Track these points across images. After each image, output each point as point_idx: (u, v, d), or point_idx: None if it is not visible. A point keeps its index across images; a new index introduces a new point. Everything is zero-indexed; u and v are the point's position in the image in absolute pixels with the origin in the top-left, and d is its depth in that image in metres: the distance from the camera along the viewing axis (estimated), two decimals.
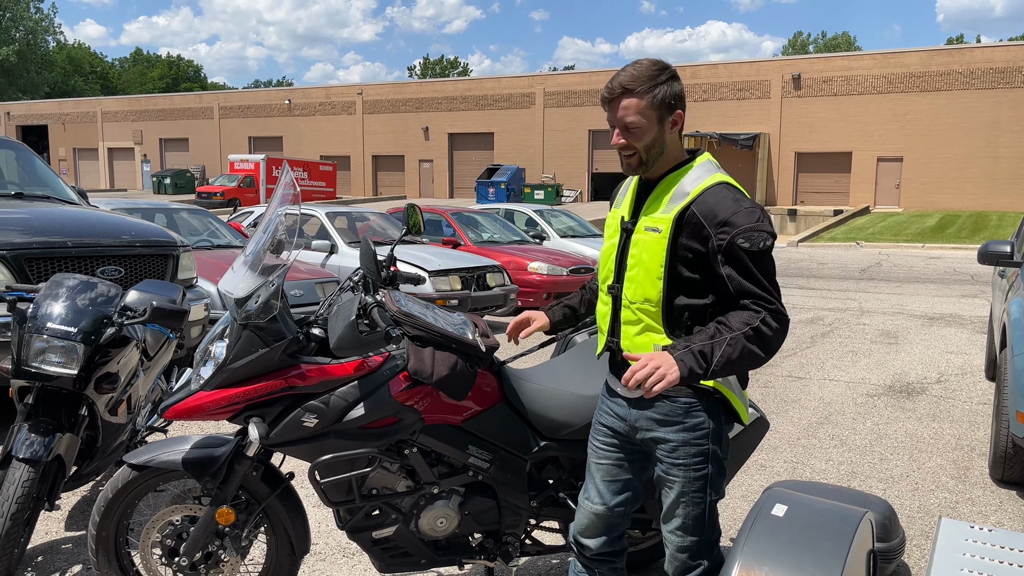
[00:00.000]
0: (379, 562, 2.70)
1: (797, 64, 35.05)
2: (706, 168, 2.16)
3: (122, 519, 2.70)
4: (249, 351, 2.40)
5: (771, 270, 2.05)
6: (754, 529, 2.01)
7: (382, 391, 2.48)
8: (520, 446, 2.69)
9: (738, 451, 2.88)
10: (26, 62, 65.45)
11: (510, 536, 2.77)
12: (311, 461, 2.52)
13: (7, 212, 5.33)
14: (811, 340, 9.05)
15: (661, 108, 2.08)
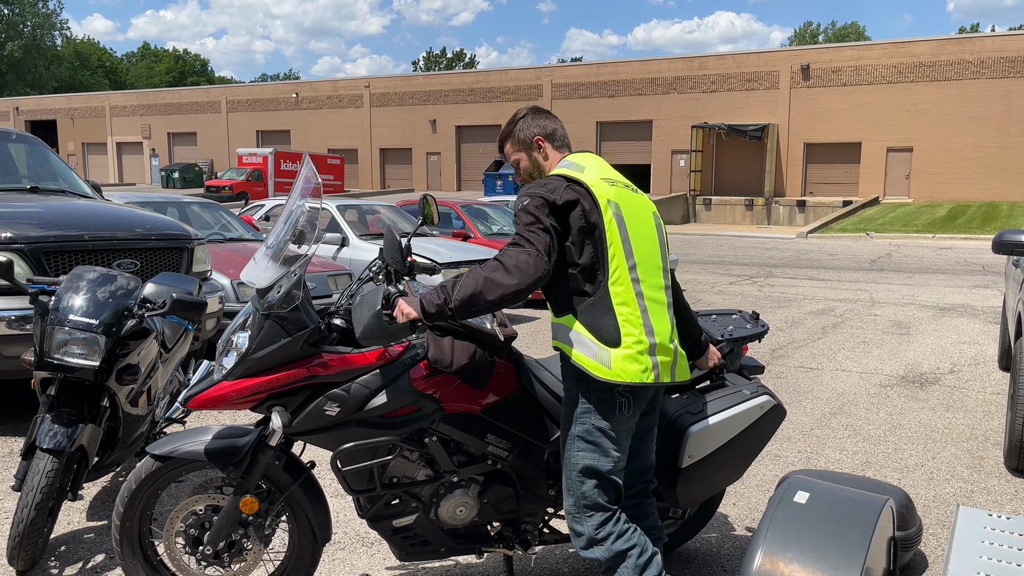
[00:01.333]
0: (399, 550, 2.73)
1: (806, 54, 34.85)
2: (560, 166, 2.52)
3: (145, 509, 2.72)
4: (272, 340, 2.43)
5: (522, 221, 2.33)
6: (776, 516, 2.02)
7: (403, 380, 2.51)
8: (538, 435, 2.72)
9: (754, 439, 2.90)
10: (34, 57, 65.57)
11: (529, 524, 2.79)
12: (333, 449, 2.54)
13: (24, 206, 5.37)
14: (822, 331, 9.03)
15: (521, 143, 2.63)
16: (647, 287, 2.43)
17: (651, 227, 2.54)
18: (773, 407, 2.92)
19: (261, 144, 45.37)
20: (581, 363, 2.36)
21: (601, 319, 2.36)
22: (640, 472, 2.64)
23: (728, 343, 3.08)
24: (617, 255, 2.38)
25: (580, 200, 2.37)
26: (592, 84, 38.51)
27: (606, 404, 2.40)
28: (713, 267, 16.45)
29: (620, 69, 38.16)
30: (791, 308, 10.79)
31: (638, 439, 2.60)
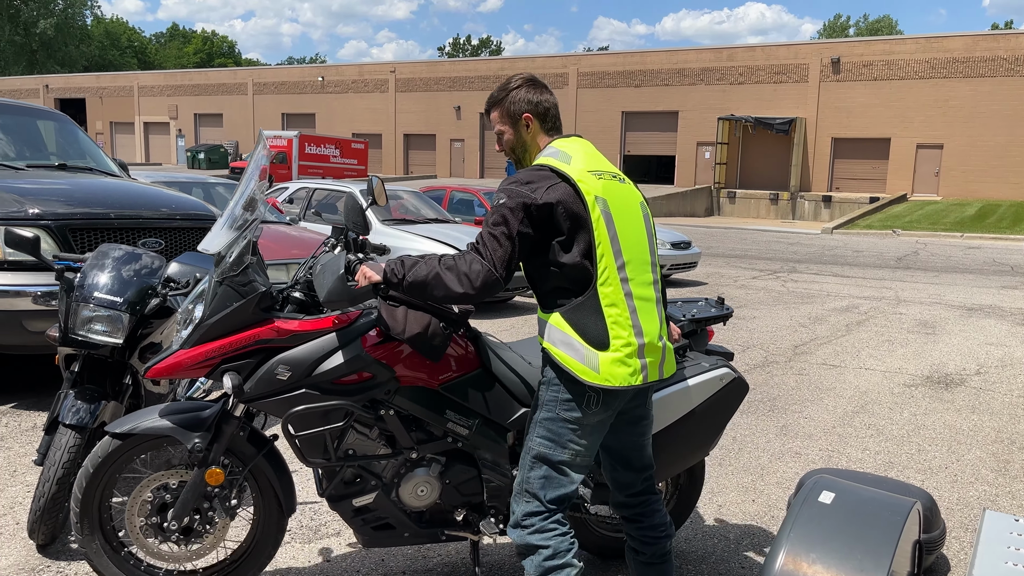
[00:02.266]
0: (361, 535, 2.71)
1: (837, 47, 34.35)
2: (545, 152, 2.43)
3: (106, 491, 2.67)
4: (224, 305, 2.46)
5: (492, 221, 2.27)
6: (800, 515, 1.99)
7: (354, 345, 2.51)
8: (499, 413, 2.70)
9: (716, 411, 2.90)
10: (64, 35, 66.20)
11: (493, 509, 2.77)
12: (284, 414, 2.51)
13: (51, 183, 5.41)
14: (846, 328, 8.92)
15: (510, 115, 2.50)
16: (636, 285, 2.35)
17: (639, 220, 2.45)
18: (733, 380, 2.91)
19: (286, 127, 45.53)
20: (568, 366, 2.29)
21: (589, 321, 2.29)
22: (638, 470, 2.58)
23: (690, 323, 3.08)
24: (606, 255, 2.29)
25: (563, 200, 2.27)
26: (618, 73, 38.23)
27: (575, 396, 2.34)
28: (736, 261, 16.31)
29: (647, 59, 37.85)
30: (814, 304, 10.68)
31: (626, 436, 2.54)
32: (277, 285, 2.70)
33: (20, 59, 65.48)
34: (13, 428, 4.52)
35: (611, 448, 2.56)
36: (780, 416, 5.44)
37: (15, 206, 4.76)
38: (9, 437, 4.37)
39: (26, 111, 6.41)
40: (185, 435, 2.57)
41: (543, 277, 2.36)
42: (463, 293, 2.26)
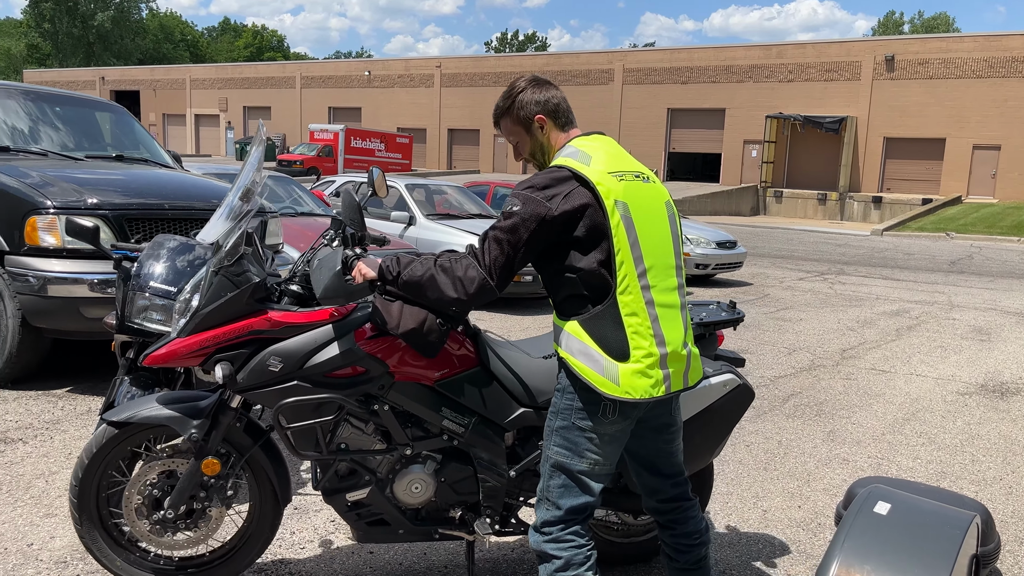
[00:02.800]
0: (356, 531, 2.70)
1: (891, 45, 33.57)
2: (563, 152, 2.33)
3: (103, 479, 2.68)
4: (219, 296, 2.46)
5: (499, 226, 2.21)
6: (855, 525, 1.94)
7: (347, 339, 2.49)
8: (497, 412, 2.65)
9: (719, 418, 2.82)
10: (121, 29, 67.84)
11: (489, 509, 2.73)
12: (275, 405, 2.51)
13: (109, 174, 5.54)
14: (896, 333, 8.72)
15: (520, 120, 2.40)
16: (658, 292, 2.25)
17: (663, 222, 2.33)
18: (738, 386, 2.82)
19: (333, 120, 46.03)
20: (587, 377, 2.21)
21: (608, 330, 2.20)
22: (667, 476, 2.52)
23: (698, 327, 3.00)
24: (625, 262, 2.19)
25: (581, 207, 2.18)
26: (665, 70, 37.86)
27: (590, 405, 2.26)
28: (782, 261, 16.06)
29: (694, 55, 37.41)
30: (863, 307, 10.46)
31: (652, 443, 2.46)
32: (273, 277, 2.71)
33: (78, 51, 67.27)
34: (69, 412, 4.65)
35: (637, 454, 2.50)
36: (827, 421, 5.34)
37: (75, 196, 4.88)
38: (65, 420, 4.50)
39: (85, 103, 6.57)
40: (182, 424, 2.57)
41: (559, 284, 2.28)
42: (455, 298, 2.22)
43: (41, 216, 4.75)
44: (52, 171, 5.20)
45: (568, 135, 2.41)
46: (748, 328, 8.57)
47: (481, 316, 8.57)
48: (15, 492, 3.55)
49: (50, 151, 5.79)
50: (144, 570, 2.75)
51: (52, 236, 4.76)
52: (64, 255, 4.80)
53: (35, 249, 4.77)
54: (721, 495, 4.01)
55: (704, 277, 12.30)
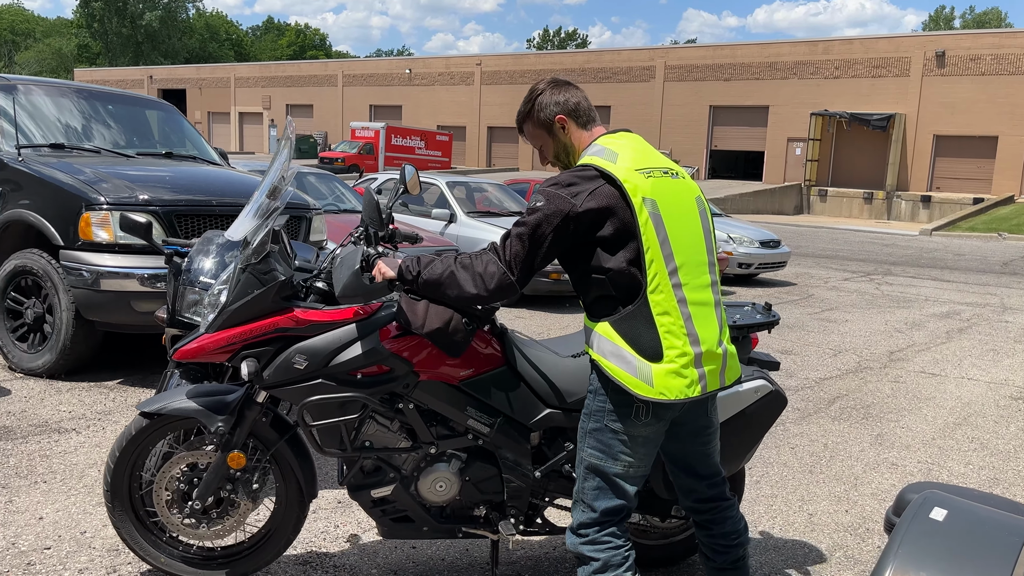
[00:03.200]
0: (381, 526, 2.70)
1: (942, 40, 32.77)
2: (590, 150, 2.30)
3: (135, 467, 2.76)
4: (246, 293, 2.47)
5: (524, 223, 2.19)
6: (910, 532, 1.89)
7: (372, 338, 2.48)
8: (522, 412, 2.62)
9: (750, 425, 2.75)
10: (168, 28, 69.25)
11: (513, 508, 2.71)
12: (300, 403, 2.52)
13: (159, 170, 5.65)
14: (946, 335, 8.52)
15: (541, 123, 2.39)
16: (690, 290, 2.20)
17: (694, 218, 2.29)
18: (770, 392, 2.75)
19: (374, 118, 46.42)
20: (620, 379, 2.17)
21: (640, 331, 2.16)
22: (704, 477, 2.48)
23: (732, 330, 2.90)
24: (655, 260, 2.14)
25: (607, 205, 2.14)
26: (707, 67, 37.45)
27: (622, 407, 2.22)
28: (826, 261, 15.79)
29: (737, 52, 36.95)
30: (912, 309, 10.24)
31: (689, 444, 2.42)
32: (302, 273, 2.72)
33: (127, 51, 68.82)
34: (120, 403, 4.76)
35: (673, 454, 2.47)
36: (875, 424, 5.24)
37: (127, 192, 4.99)
38: (116, 411, 4.60)
39: (136, 101, 6.71)
40: (209, 418, 2.61)
41: (588, 285, 2.24)
42: (476, 295, 2.20)
43: (95, 212, 4.86)
44: (105, 168, 5.33)
45: (592, 134, 2.37)
46: (792, 329, 8.44)
47: (520, 314, 8.58)
48: (69, 481, 3.65)
49: (103, 148, 5.93)
50: (173, 558, 2.81)
51: (105, 231, 4.87)
52: (116, 250, 4.91)
53: (88, 244, 4.90)
54: (765, 497, 3.95)
55: (747, 277, 12.15)
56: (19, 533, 3.13)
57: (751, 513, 3.75)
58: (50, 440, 4.11)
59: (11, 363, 5.20)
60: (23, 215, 5.11)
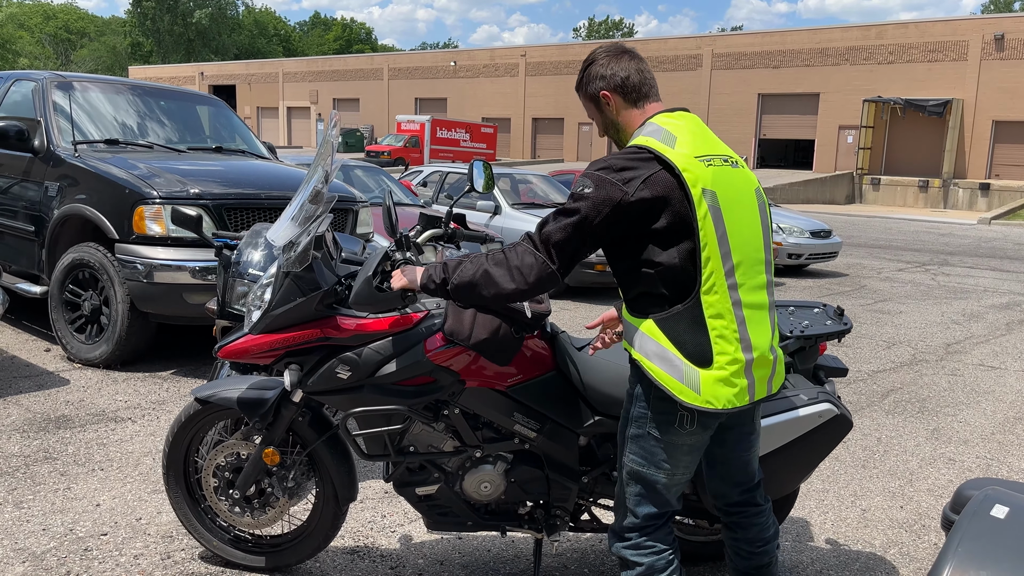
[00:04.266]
0: (426, 519, 2.69)
1: (1001, 23, 31.65)
2: (644, 130, 2.13)
3: (190, 447, 2.85)
4: (288, 299, 2.44)
5: (566, 209, 2.04)
6: (970, 530, 1.83)
7: (416, 349, 2.43)
8: (571, 419, 2.56)
9: (808, 450, 2.62)
10: (218, 25, 70.52)
11: (559, 509, 2.66)
12: (345, 412, 2.51)
13: (209, 165, 5.75)
14: (1007, 327, 8.25)
15: (590, 96, 2.23)
16: (746, 291, 2.05)
17: (753, 212, 2.12)
18: (834, 417, 2.59)
19: (419, 111, 46.68)
20: (664, 383, 2.03)
21: (689, 333, 2.01)
22: (737, 484, 2.37)
23: (797, 340, 2.75)
24: (712, 259, 1.98)
25: (662, 195, 1.97)
26: (755, 54, 36.79)
27: (664, 415, 2.09)
28: (880, 252, 15.41)
29: (787, 38, 36.21)
30: (969, 300, 9.93)
31: (731, 451, 2.32)
32: (345, 267, 2.69)
33: (179, 48, 70.28)
34: (173, 393, 4.87)
35: (712, 458, 2.36)
36: (931, 418, 5.09)
37: (179, 186, 5.09)
38: (170, 401, 4.71)
39: (187, 97, 6.84)
40: (249, 412, 2.64)
41: (634, 279, 2.08)
42: (515, 289, 2.04)
43: (148, 206, 4.97)
44: (157, 162, 5.44)
45: (644, 111, 2.17)
46: None
47: (565, 306, 8.54)
48: (125, 469, 3.74)
49: (155, 143, 6.06)
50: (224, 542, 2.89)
51: (158, 225, 4.98)
52: (168, 243, 5.02)
53: (142, 237, 5.01)
54: (817, 492, 3.87)
55: (797, 267, 11.92)
56: (77, 519, 3.22)
57: (802, 508, 3.68)
58: (107, 429, 4.23)
59: (69, 354, 5.36)
60: (80, 210, 5.25)
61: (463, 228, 2.97)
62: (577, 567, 3.06)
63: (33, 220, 5.65)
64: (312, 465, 2.77)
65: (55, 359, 5.43)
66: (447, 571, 2.98)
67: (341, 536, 3.19)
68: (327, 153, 2.53)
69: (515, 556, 3.11)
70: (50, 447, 3.94)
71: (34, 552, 2.95)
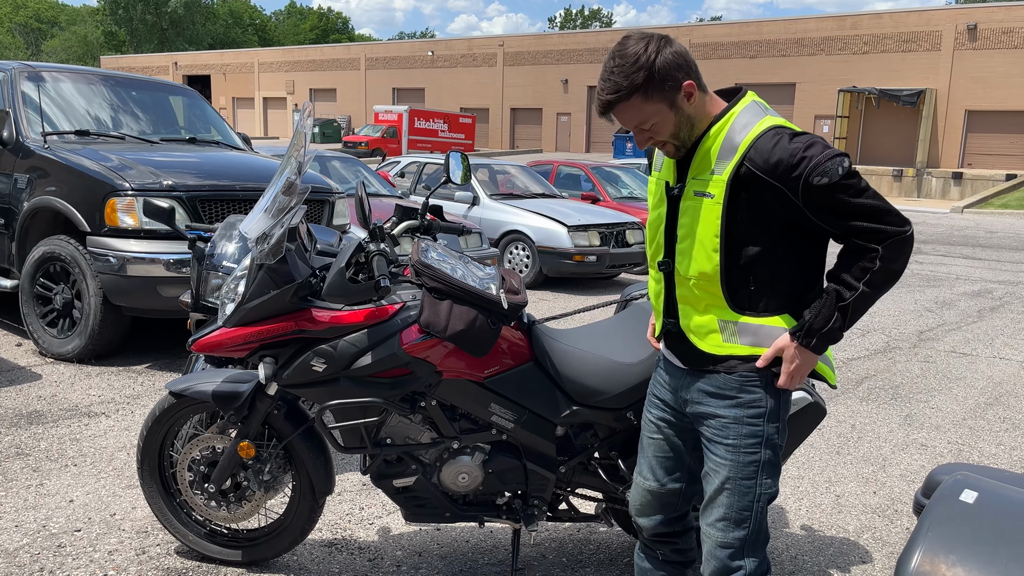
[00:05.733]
0: (404, 510, 2.70)
1: (973, 13, 31.99)
2: (752, 112, 1.92)
3: (165, 440, 2.83)
4: (262, 292, 2.42)
5: (863, 190, 1.82)
6: (940, 514, 1.86)
7: (392, 341, 2.42)
8: (548, 409, 2.56)
9: (789, 438, 2.63)
10: (192, 14, 69.60)
11: (536, 499, 2.68)
12: (321, 404, 2.50)
13: (182, 156, 5.69)
14: (978, 314, 8.37)
15: (662, 94, 1.86)
16: None
17: None
18: (808, 405, 2.62)
19: (397, 101, 46.43)
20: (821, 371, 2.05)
21: None
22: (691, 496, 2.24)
23: None
24: None
25: None
26: (732, 44, 36.94)
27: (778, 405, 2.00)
28: None
29: (763, 28, 36.39)
30: (942, 288, 10.07)
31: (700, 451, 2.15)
32: (320, 259, 2.66)
33: (152, 37, 69.34)
34: (147, 387, 4.82)
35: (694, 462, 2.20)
36: (904, 405, 5.16)
37: (151, 178, 5.03)
38: (144, 395, 4.66)
39: (160, 87, 6.75)
40: (223, 405, 2.62)
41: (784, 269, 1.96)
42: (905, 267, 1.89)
43: (120, 198, 4.91)
44: (130, 154, 5.37)
45: (712, 97, 1.98)
46: None
47: (544, 296, 8.56)
48: (98, 464, 3.70)
49: (127, 135, 5.98)
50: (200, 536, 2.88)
51: (130, 217, 4.91)
52: (141, 236, 4.95)
53: (114, 230, 4.95)
54: (792, 479, 3.91)
55: None
56: (50, 515, 3.19)
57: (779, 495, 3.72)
58: (80, 424, 4.18)
59: (41, 348, 5.29)
60: (50, 202, 5.17)
61: (439, 219, 2.97)
62: (555, 556, 3.08)
63: (2, 213, 5.56)
64: (288, 458, 2.76)
65: (27, 354, 5.35)
66: (425, 563, 2.98)
67: (318, 529, 3.19)
68: (300, 144, 2.50)
69: (493, 547, 3.12)
70: (22, 443, 3.89)
71: (6, 549, 2.91)
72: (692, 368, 2.05)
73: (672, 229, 2.01)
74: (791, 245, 1.93)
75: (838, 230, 1.88)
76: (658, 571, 2.29)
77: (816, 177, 1.80)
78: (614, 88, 1.88)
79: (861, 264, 1.86)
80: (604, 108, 1.92)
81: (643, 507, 2.24)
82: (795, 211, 1.86)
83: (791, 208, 1.86)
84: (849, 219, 1.85)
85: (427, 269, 2.44)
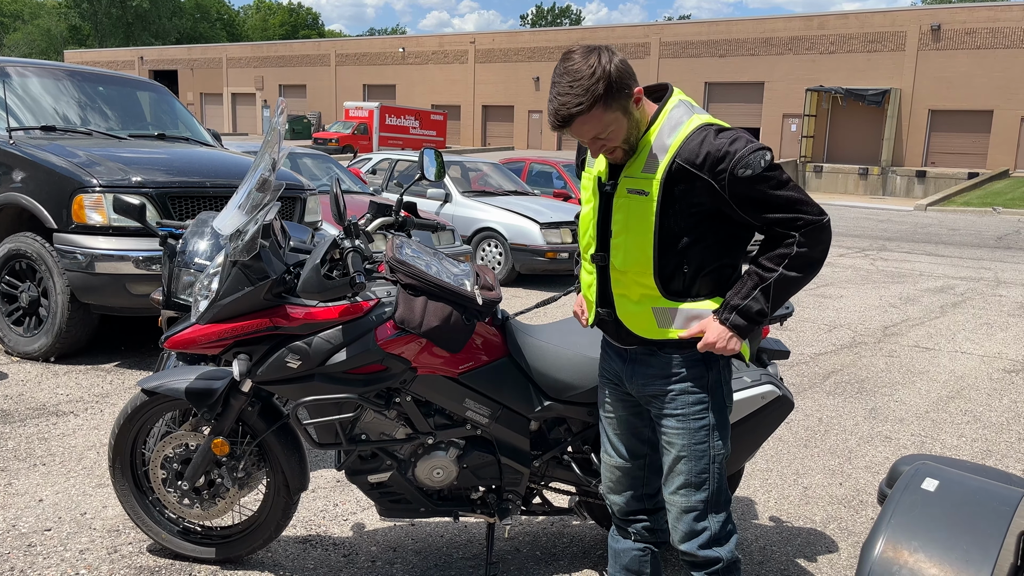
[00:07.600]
0: (379, 506, 2.71)
1: (937, 14, 32.60)
2: (681, 111, 2.02)
3: (137, 438, 2.82)
4: (236, 288, 2.42)
5: (783, 182, 1.93)
6: (902, 502, 1.92)
7: (367, 338, 2.43)
8: (522, 404, 2.60)
9: (750, 431, 2.69)
10: (158, 8, 68.47)
11: (511, 494, 2.70)
12: (295, 401, 2.51)
13: (152, 152, 5.62)
14: (940, 310, 8.56)
15: (619, 102, 1.92)
16: None
17: None
18: (777, 398, 2.67)
19: (367, 98, 46.13)
20: None
21: None
22: None
23: None
24: None
25: None
26: (702, 43, 37.25)
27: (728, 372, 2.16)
28: None
29: (733, 28, 36.74)
30: (906, 284, 10.27)
31: None
32: (294, 255, 2.66)
33: (117, 32, 68.13)
34: (117, 385, 4.77)
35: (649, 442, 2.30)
36: (869, 399, 5.27)
37: (120, 174, 4.97)
38: (113, 394, 4.61)
39: (127, 82, 6.66)
40: (197, 402, 2.61)
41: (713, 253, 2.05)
42: (825, 256, 1.99)
43: (88, 194, 4.84)
44: (97, 150, 5.30)
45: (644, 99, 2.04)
46: None
47: (516, 293, 8.59)
48: (68, 463, 3.66)
49: (95, 130, 5.90)
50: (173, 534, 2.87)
51: (98, 214, 4.86)
52: (110, 232, 4.90)
53: (82, 227, 4.88)
54: (761, 471, 3.99)
55: None
56: (19, 515, 3.15)
57: (746, 487, 3.79)
58: (48, 423, 4.13)
59: (7, 347, 5.21)
60: (16, 198, 5.10)
61: (414, 216, 2.99)
62: (529, 550, 3.11)
63: None
64: (262, 455, 2.76)
65: None
66: (400, 558, 3.00)
67: (293, 526, 3.19)
68: (274, 141, 2.49)
69: (468, 541, 3.15)
70: None
71: None
72: (631, 352, 2.16)
73: (605, 224, 2.09)
74: (721, 235, 2.03)
75: (759, 222, 1.98)
76: (632, 551, 2.34)
77: (740, 169, 1.90)
78: (575, 102, 1.89)
79: (780, 250, 1.97)
80: (564, 122, 1.94)
81: (613, 484, 2.32)
82: (723, 203, 1.96)
83: (719, 200, 1.96)
84: (769, 210, 1.95)
85: (402, 265, 2.45)
